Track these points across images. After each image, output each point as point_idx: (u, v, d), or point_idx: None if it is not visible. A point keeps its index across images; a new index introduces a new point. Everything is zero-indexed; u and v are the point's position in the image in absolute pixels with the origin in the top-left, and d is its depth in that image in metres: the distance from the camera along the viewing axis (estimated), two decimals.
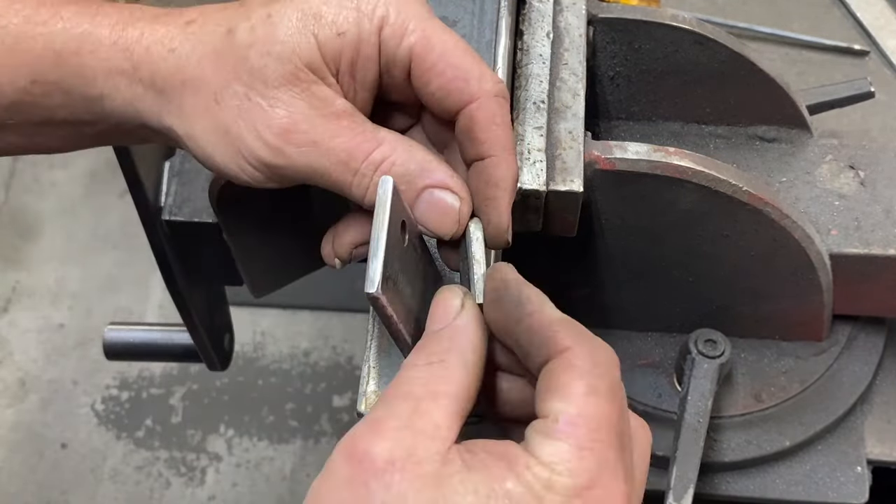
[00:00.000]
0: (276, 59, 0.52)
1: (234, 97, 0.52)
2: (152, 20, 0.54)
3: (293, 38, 0.52)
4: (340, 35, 0.52)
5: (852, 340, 0.86)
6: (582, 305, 0.84)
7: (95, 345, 1.96)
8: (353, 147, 0.52)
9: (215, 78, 0.53)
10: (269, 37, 0.52)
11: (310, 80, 0.52)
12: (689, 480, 0.72)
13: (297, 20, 0.52)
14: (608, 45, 0.80)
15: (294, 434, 1.95)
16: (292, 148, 0.52)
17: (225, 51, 0.52)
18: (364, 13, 0.52)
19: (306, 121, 0.52)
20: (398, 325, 0.49)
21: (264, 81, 0.52)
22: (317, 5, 0.52)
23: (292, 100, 0.52)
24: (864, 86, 0.89)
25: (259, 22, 0.52)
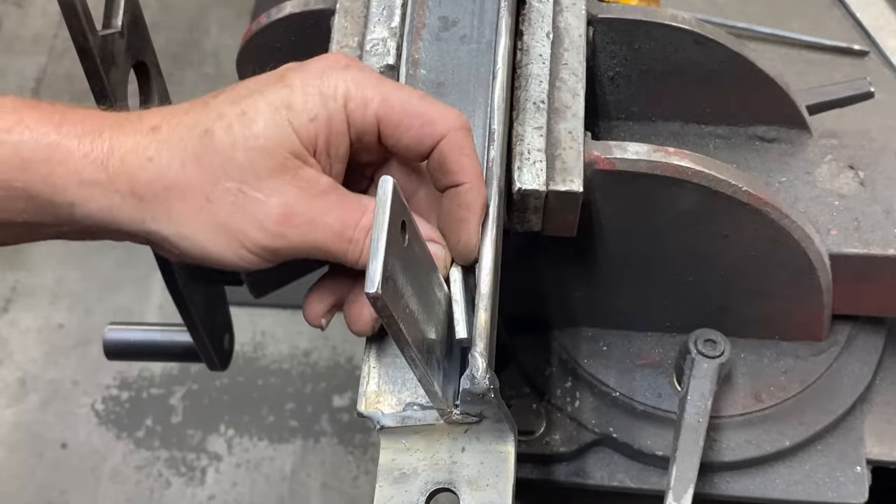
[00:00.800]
0: (262, 152, 0.55)
1: (226, 194, 0.55)
2: (117, 129, 0.55)
3: (273, 130, 0.55)
4: (313, 120, 0.56)
5: (852, 340, 0.86)
6: (582, 305, 0.84)
7: (95, 345, 1.96)
8: (345, 218, 0.57)
9: (202, 179, 0.55)
10: (249, 133, 0.55)
11: (296, 166, 0.56)
12: (688, 480, 0.73)
13: (271, 113, 0.55)
14: (608, 45, 0.80)
15: (294, 434, 1.95)
16: (292, 230, 0.56)
17: (207, 152, 0.55)
18: (328, 95, 0.56)
19: (301, 203, 0.56)
20: (398, 325, 0.49)
21: (255, 175, 0.55)
22: (284, 96, 0.56)
23: (285, 187, 0.55)
24: (863, 86, 0.89)
25: (235, 120, 0.55)
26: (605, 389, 0.84)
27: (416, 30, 0.73)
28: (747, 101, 0.83)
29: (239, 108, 0.55)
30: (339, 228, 0.56)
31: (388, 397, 0.59)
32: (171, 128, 0.55)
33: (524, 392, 0.86)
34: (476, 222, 0.59)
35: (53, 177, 0.55)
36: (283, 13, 0.79)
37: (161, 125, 0.56)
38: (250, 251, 0.56)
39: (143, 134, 0.55)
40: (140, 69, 0.75)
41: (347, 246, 0.57)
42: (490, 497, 0.58)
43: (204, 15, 2.49)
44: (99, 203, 0.55)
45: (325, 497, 1.89)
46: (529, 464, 0.83)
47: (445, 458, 0.59)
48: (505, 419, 0.58)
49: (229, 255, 0.56)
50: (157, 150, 0.55)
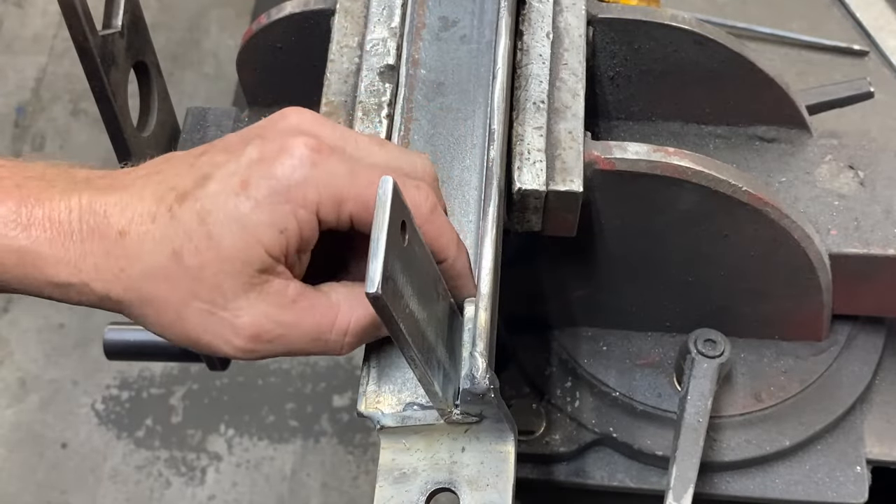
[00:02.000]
0: (229, 275, 0.54)
1: (196, 314, 0.55)
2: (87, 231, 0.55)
3: (240, 251, 0.54)
4: (282, 232, 0.54)
5: (852, 340, 0.86)
6: (582, 305, 0.84)
7: (95, 345, 1.96)
8: (317, 325, 0.57)
9: (173, 298, 0.55)
10: (216, 256, 0.54)
11: (263, 281, 0.55)
12: (688, 480, 0.73)
13: (237, 232, 0.54)
14: (608, 45, 0.80)
15: (294, 434, 1.95)
16: (263, 345, 0.56)
17: (177, 274, 0.55)
18: (297, 202, 0.54)
19: (270, 320, 0.56)
20: (398, 325, 0.49)
21: (223, 296, 0.55)
22: (250, 212, 0.54)
23: (253, 304, 0.55)
24: (863, 86, 0.89)
25: (202, 243, 0.54)
26: (605, 389, 0.84)
27: (416, 30, 0.73)
28: (747, 101, 0.83)
29: (206, 230, 0.54)
30: (314, 335, 0.57)
31: (388, 397, 0.59)
32: (138, 238, 0.55)
33: (524, 392, 0.86)
34: (470, 282, 0.60)
35: (29, 279, 0.55)
36: (283, 13, 0.79)
37: (128, 232, 0.55)
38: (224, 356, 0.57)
39: (111, 239, 0.55)
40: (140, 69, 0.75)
41: (325, 347, 0.58)
42: (490, 497, 0.58)
43: (204, 15, 2.49)
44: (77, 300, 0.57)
45: (325, 497, 1.89)
46: (529, 464, 0.83)
47: (445, 458, 0.59)
48: (505, 419, 0.58)
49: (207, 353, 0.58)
50: (126, 261, 0.55)
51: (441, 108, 0.70)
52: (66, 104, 2.35)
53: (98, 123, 0.74)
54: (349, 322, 0.57)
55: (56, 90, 2.37)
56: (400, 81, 0.71)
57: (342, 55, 0.74)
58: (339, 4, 0.76)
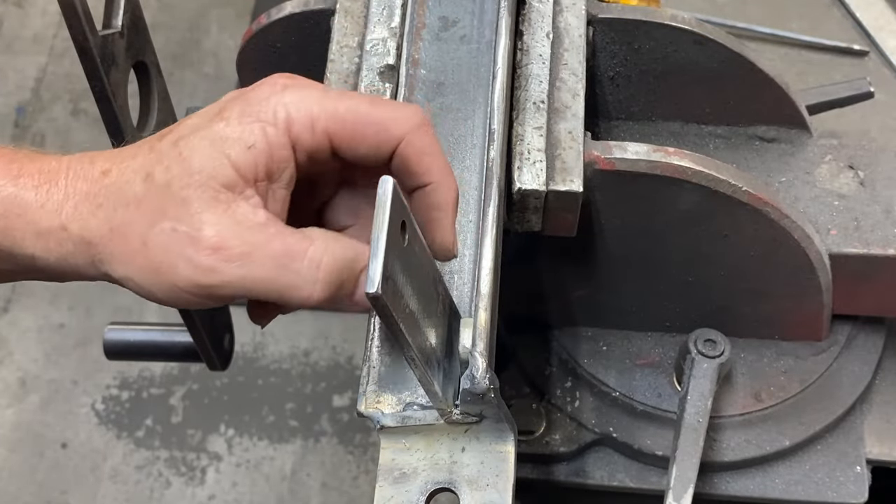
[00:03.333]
0: (195, 188, 0.54)
1: (160, 234, 0.54)
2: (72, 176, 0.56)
3: (207, 164, 0.54)
4: (250, 147, 0.54)
5: (852, 340, 0.86)
6: (582, 305, 0.84)
7: (95, 345, 1.96)
8: (288, 249, 0.54)
9: (141, 222, 0.54)
10: (184, 171, 0.54)
11: (229, 199, 0.54)
12: (688, 480, 0.73)
13: (206, 147, 0.54)
14: (608, 45, 0.80)
15: (294, 434, 1.95)
16: (225, 264, 0.53)
17: (147, 195, 0.54)
18: (267, 121, 0.54)
19: (235, 236, 0.53)
20: (398, 325, 0.49)
21: (188, 210, 0.53)
22: (220, 129, 0.54)
23: (216, 219, 0.53)
24: (863, 86, 0.90)
25: (173, 160, 0.54)
26: (605, 389, 0.84)
27: (416, 30, 0.73)
28: (747, 101, 0.83)
29: (177, 150, 0.54)
30: (285, 260, 0.53)
31: (388, 397, 0.59)
32: (119, 172, 0.55)
33: (524, 392, 0.86)
34: (449, 220, 0.57)
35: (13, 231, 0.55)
36: (283, 13, 0.79)
37: (111, 169, 0.55)
38: (186, 290, 0.54)
39: (93, 180, 0.55)
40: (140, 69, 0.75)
41: (294, 279, 0.54)
42: (490, 497, 0.58)
43: (204, 15, 2.49)
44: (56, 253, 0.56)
45: (325, 497, 1.89)
46: (529, 464, 0.83)
47: (445, 458, 0.59)
48: (505, 419, 0.58)
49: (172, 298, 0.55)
50: (105, 196, 0.55)
51: (441, 108, 0.70)
52: (66, 104, 2.35)
53: (98, 123, 0.74)
54: (322, 254, 0.54)
55: (56, 90, 2.37)
56: (400, 81, 0.71)
57: (342, 55, 0.74)
58: (339, 4, 0.76)
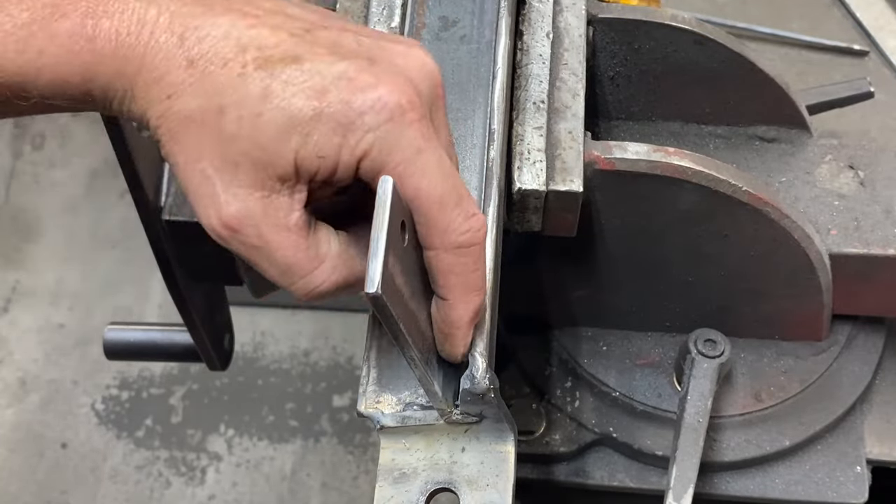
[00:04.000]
0: (251, 162, 0.52)
1: (198, 174, 0.52)
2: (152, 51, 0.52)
3: (275, 148, 0.51)
4: (321, 158, 0.52)
5: (852, 340, 0.86)
6: (582, 305, 0.84)
7: (95, 345, 1.96)
8: (293, 263, 0.53)
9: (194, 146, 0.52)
10: (252, 138, 0.51)
11: (273, 190, 0.53)
12: (688, 480, 0.73)
13: (283, 128, 0.51)
14: (608, 45, 0.80)
15: (294, 434, 1.95)
16: (235, 243, 0.53)
17: (210, 129, 0.52)
18: (349, 144, 0.51)
19: (255, 227, 0.53)
20: (398, 325, 0.49)
21: (232, 175, 0.52)
22: (307, 120, 0.51)
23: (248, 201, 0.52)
24: (863, 86, 0.90)
25: (248, 116, 0.51)
26: (605, 389, 0.84)
27: (416, 30, 0.73)
28: (747, 101, 0.83)
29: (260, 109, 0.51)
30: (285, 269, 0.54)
31: (388, 397, 0.59)
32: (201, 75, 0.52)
33: (524, 392, 0.86)
34: (461, 336, 0.56)
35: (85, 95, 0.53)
36: None
37: (196, 63, 0.52)
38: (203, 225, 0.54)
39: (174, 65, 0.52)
40: None
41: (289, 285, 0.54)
42: (490, 497, 0.58)
43: None
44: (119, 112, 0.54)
45: (325, 497, 1.89)
46: (529, 464, 0.83)
47: (445, 458, 0.59)
48: (505, 419, 0.58)
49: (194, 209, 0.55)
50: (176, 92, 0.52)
51: None
52: None
53: (98, 123, 0.74)
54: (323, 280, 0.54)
55: None
56: None
57: None
58: (339, 4, 0.76)
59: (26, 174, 2.27)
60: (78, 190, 2.25)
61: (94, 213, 2.21)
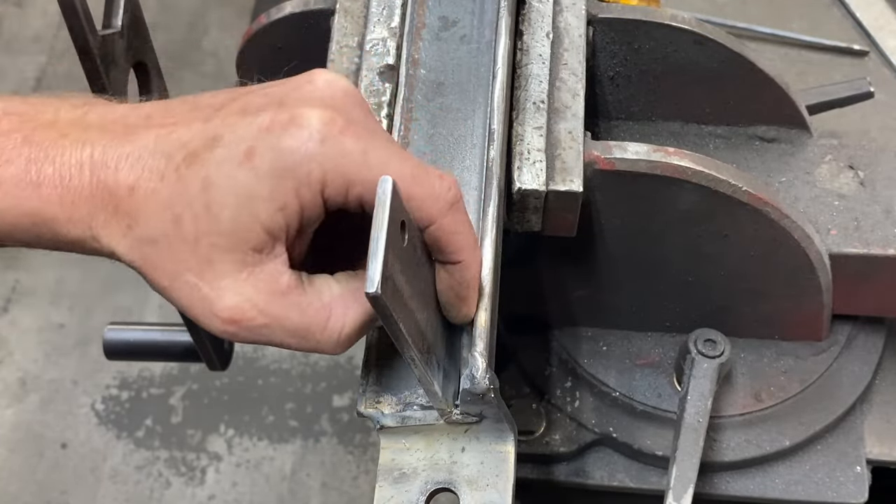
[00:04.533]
0: (223, 250, 0.53)
1: (185, 286, 0.54)
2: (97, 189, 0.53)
3: (237, 226, 0.52)
4: (282, 209, 0.52)
5: (852, 340, 0.86)
6: (582, 305, 0.84)
7: (95, 345, 1.96)
8: (306, 325, 0.54)
9: (168, 265, 0.54)
10: (213, 228, 0.52)
11: (256, 261, 0.53)
12: (688, 480, 0.73)
13: (236, 207, 0.52)
14: (608, 45, 0.80)
15: (294, 434, 1.95)
16: (244, 331, 0.54)
17: (175, 241, 0.53)
18: (300, 180, 0.52)
19: (254, 308, 0.53)
20: (398, 325, 0.49)
21: (213, 272, 0.53)
22: (250, 183, 0.52)
23: (239, 287, 0.53)
24: (863, 86, 0.90)
25: (201, 211, 0.52)
26: (605, 389, 0.84)
27: (416, 29, 0.73)
28: (747, 101, 0.83)
29: (206, 198, 0.52)
30: (303, 333, 0.54)
31: (388, 397, 0.59)
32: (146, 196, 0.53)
33: (524, 392, 0.86)
34: (475, 296, 0.57)
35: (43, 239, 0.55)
36: (283, 13, 0.79)
37: (138, 187, 0.53)
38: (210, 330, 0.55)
39: (121, 196, 0.53)
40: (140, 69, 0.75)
41: (315, 346, 0.55)
42: (490, 497, 0.58)
43: (204, 15, 2.49)
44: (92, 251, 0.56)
45: (325, 497, 1.89)
46: (529, 464, 0.83)
47: (445, 458, 0.59)
48: (505, 419, 0.58)
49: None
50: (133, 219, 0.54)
51: (441, 108, 0.70)
52: None
53: None
54: (342, 324, 0.55)
55: (56, 90, 2.37)
56: (400, 81, 0.71)
57: (342, 55, 0.74)
58: (339, 4, 0.76)
59: None
60: None
61: None
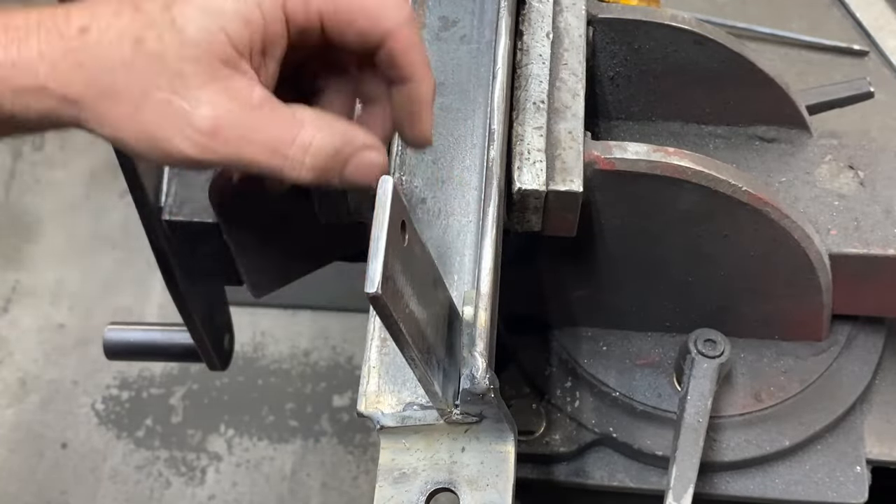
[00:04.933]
0: (192, 61, 0.53)
1: (154, 105, 0.54)
2: (45, 32, 0.54)
3: (204, 37, 0.53)
4: (247, 23, 0.54)
5: (852, 340, 0.86)
6: (582, 305, 0.84)
7: (95, 345, 1.96)
8: (278, 136, 0.55)
9: (133, 87, 0.54)
10: (179, 41, 0.53)
11: (227, 76, 0.54)
12: (688, 480, 0.73)
13: (201, 19, 0.53)
14: (608, 46, 0.80)
15: (294, 434, 1.95)
16: (220, 145, 0.54)
17: (138, 62, 0.53)
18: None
19: (231, 118, 0.54)
20: (398, 325, 0.49)
21: (185, 84, 0.53)
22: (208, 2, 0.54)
23: (214, 97, 0.54)
24: (863, 86, 0.90)
25: (165, 28, 0.53)
26: (605, 389, 0.84)
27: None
28: (747, 101, 0.83)
29: (170, 16, 0.54)
30: (274, 145, 0.55)
31: (388, 397, 0.59)
32: (100, 32, 0.54)
33: (524, 392, 0.86)
34: (429, 113, 0.60)
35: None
36: None
37: (90, 27, 0.54)
38: (178, 159, 0.55)
39: (71, 37, 0.54)
40: None
41: (283, 162, 0.55)
42: (490, 497, 0.58)
43: None
44: (36, 111, 0.54)
45: (325, 497, 1.89)
46: (529, 464, 0.83)
47: (445, 458, 0.59)
48: (505, 419, 0.58)
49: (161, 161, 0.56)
50: (87, 56, 0.53)
51: (441, 108, 0.70)
52: None
53: None
54: (310, 141, 0.56)
55: None
56: None
57: None
58: None
59: (26, 174, 2.27)
60: (78, 190, 2.25)
61: (94, 213, 2.21)
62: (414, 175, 0.67)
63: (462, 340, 0.58)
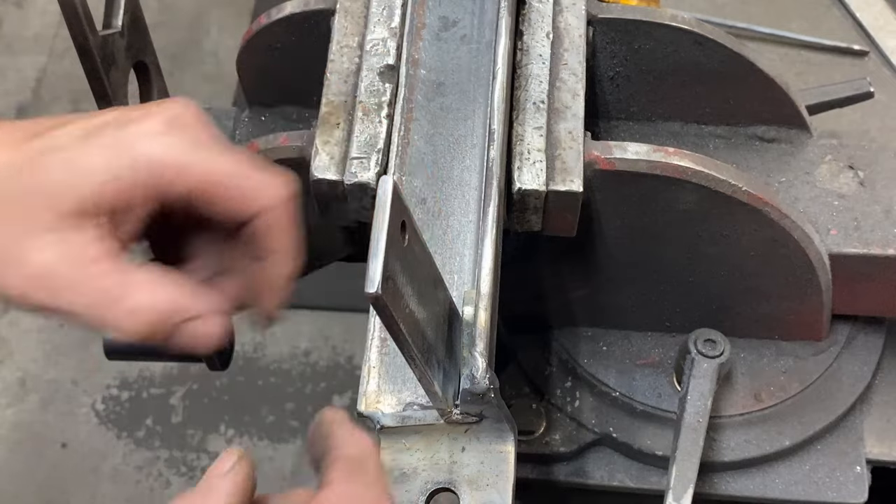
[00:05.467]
0: (43, 206, 0.53)
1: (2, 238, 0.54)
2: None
3: (62, 185, 0.53)
4: (108, 182, 0.53)
5: (851, 340, 0.86)
6: (582, 305, 0.84)
7: (95, 345, 1.96)
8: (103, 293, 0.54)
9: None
10: (39, 183, 0.53)
11: (67, 227, 0.53)
12: (688, 480, 0.73)
13: (65, 169, 0.53)
14: (608, 46, 0.80)
15: (294, 434, 1.95)
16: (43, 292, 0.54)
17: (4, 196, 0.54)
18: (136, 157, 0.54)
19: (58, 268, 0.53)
20: (398, 325, 0.49)
21: (26, 228, 0.53)
22: (87, 153, 0.53)
23: (51, 246, 0.53)
24: (863, 86, 0.89)
25: (34, 169, 0.54)
26: (604, 389, 0.84)
27: (416, 30, 0.73)
28: (747, 101, 0.83)
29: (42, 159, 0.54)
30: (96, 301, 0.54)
31: (388, 397, 0.59)
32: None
33: (524, 392, 0.86)
34: (278, 295, 0.60)
35: None
36: (283, 13, 0.79)
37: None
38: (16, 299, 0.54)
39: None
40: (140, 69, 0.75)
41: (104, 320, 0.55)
42: (490, 497, 0.58)
43: (204, 15, 2.49)
44: None
45: None
46: (529, 464, 0.83)
47: (445, 458, 0.59)
48: (505, 419, 0.58)
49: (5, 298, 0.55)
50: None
51: (441, 108, 0.70)
52: (66, 104, 2.35)
53: None
54: (137, 304, 0.54)
55: (56, 90, 2.37)
56: (400, 81, 0.71)
57: (342, 55, 0.74)
58: (339, 4, 0.76)
59: None
60: None
61: None
62: (414, 175, 0.67)
63: (462, 340, 0.58)
